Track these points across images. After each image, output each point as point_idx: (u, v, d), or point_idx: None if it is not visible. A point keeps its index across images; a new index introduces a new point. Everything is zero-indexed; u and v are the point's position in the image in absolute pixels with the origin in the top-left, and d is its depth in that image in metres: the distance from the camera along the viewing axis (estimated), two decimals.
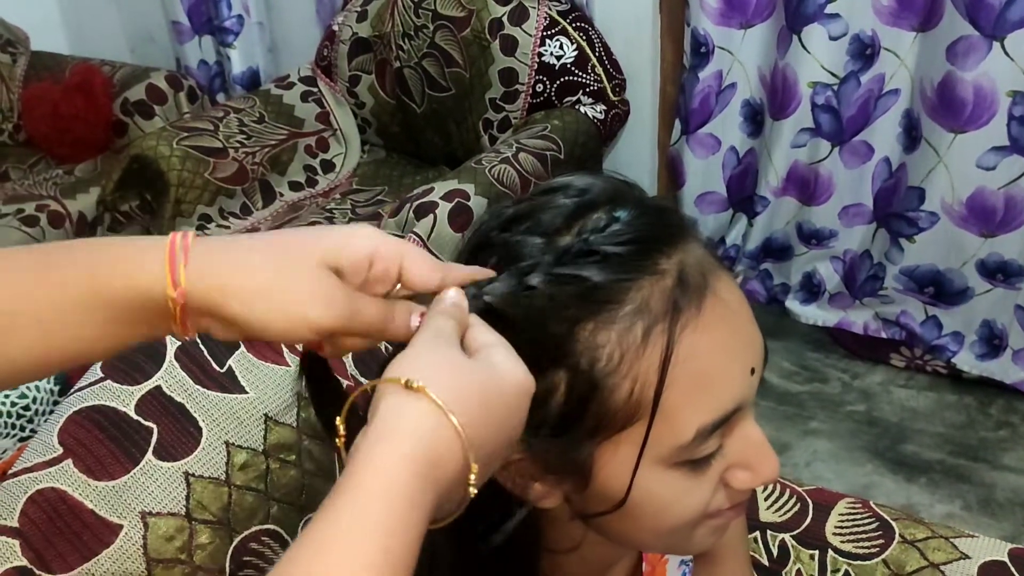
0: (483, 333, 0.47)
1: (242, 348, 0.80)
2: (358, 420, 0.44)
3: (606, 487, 0.52)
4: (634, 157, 2.24)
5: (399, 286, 0.49)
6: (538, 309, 0.48)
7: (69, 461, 0.71)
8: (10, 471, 0.72)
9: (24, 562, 0.66)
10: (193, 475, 0.74)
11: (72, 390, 0.76)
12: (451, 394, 0.41)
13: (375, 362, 0.83)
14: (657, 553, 0.72)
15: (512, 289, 0.48)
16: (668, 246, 0.50)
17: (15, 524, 0.68)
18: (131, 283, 0.45)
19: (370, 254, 0.47)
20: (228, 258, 0.46)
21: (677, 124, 2.13)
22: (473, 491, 0.42)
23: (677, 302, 0.49)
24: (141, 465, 0.72)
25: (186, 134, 2.16)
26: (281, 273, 0.45)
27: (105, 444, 0.72)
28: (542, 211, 0.52)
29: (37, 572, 0.66)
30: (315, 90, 2.44)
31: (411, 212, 1.67)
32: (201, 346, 0.80)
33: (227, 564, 0.75)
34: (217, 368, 0.79)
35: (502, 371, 0.45)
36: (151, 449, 0.73)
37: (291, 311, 0.45)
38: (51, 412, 0.76)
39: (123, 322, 0.45)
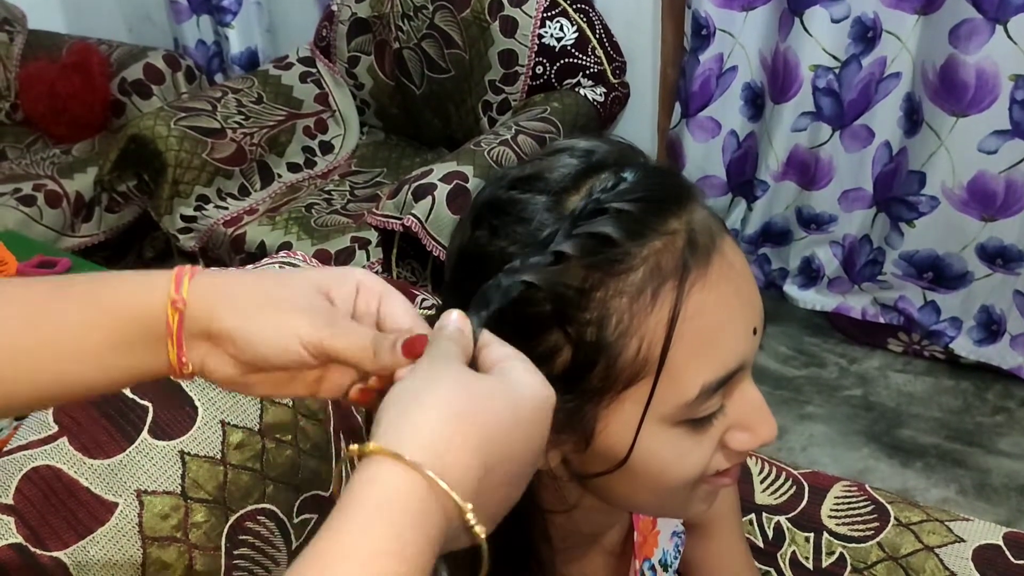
0: (498, 348, 0.46)
1: None
2: None
3: (607, 446, 0.52)
4: (634, 140, 2.17)
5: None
6: (561, 275, 0.48)
7: (64, 439, 0.70)
8: (5, 448, 0.71)
9: (19, 539, 0.66)
10: (188, 454, 0.74)
11: None
12: (461, 426, 0.39)
13: None
14: (652, 516, 0.72)
15: (542, 261, 0.48)
16: (677, 206, 0.50)
17: (10, 501, 0.68)
18: (134, 299, 0.46)
19: (356, 283, 0.49)
20: (228, 278, 0.48)
21: (677, 107, 2.12)
22: (481, 534, 0.40)
23: (687, 262, 0.49)
24: (136, 444, 0.72)
25: (184, 114, 2.15)
26: (276, 290, 0.47)
27: (100, 422, 0.72)
28: (549, 171, 0.52)
29: (32, 549, 0.66)
30: (314, 71, 2.43)
31: (409, 194, 1.66)
32: None
33: (223, 543, 0.75)
34: None
35: (521, 387, 0.43)
36: (146, 428, 0.73)
37: (282, 322, 0.45)
38: None
39: (122, 344, 0.46)
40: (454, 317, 0.46)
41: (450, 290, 0.55)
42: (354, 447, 0.39)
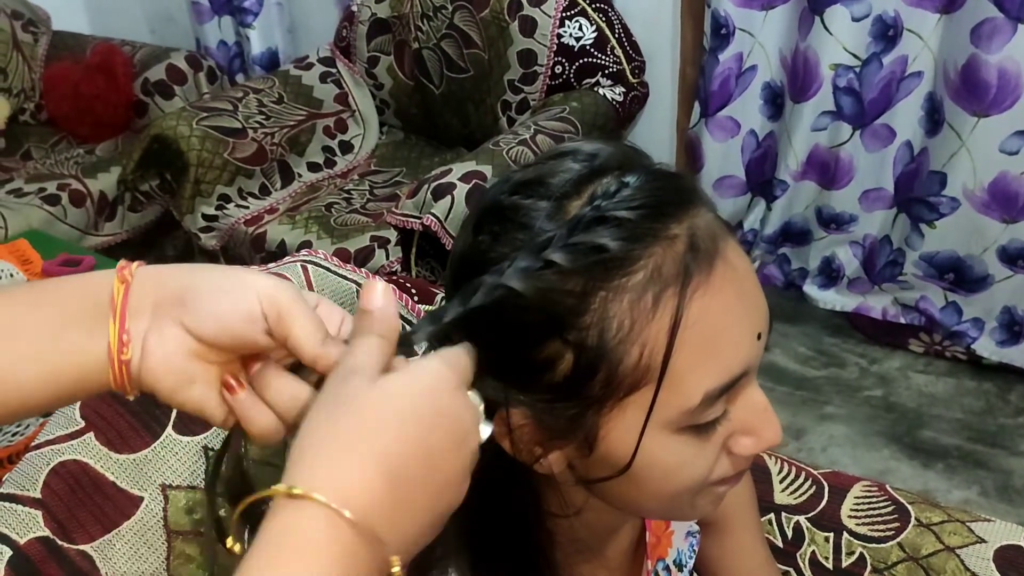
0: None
1: None
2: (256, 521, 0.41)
3: (610, 452, 0.52)
4: (653, 139, 2.23)
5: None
6: (554, 282, 0.48)
7: (91, 434, 0.72)
8: (33, 443, 0.73)
9: (47, 532, 0.68)
10: (212, 449, 0.75)
11: None
12: (353, 474, 0.39)
13: None
14: (658, 519, 0.72)
15: (532, 266, 0.48)
16: (679, 210, 0.50)
17: (38, 495, 0.69)
18: (79, 282, 0.45)
19: (316, 300, 0.49)
20: (177, 264, 0.47)
21: (696, 107, 2.11)
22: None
23: (688, 267, 0.48)
24: (161, 439, 0.73)
25: (206, 114, 2.17)
26: (227, 267, 0.47)
27: (126, 418, 0.73)
28: (552, 175, 0.52)
29: (59, 542, 0.68)
30: (334, 71, 2.44)
31: (429, 193, 1.67)
32: None
33: (245, 537, 0.76)
34: None
35: (413, 379, 0.43)
36: (171, 423, 0.74)
37: (242, 278, 0.45)
38: None
39: (62, 324, 0.43)
40: (379, 290, 0.46)
41: (450, 295, 0.55)
42: (277, 487, 0.39)
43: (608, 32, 2.04)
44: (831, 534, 0.95)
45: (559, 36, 2.04)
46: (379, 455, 0.39)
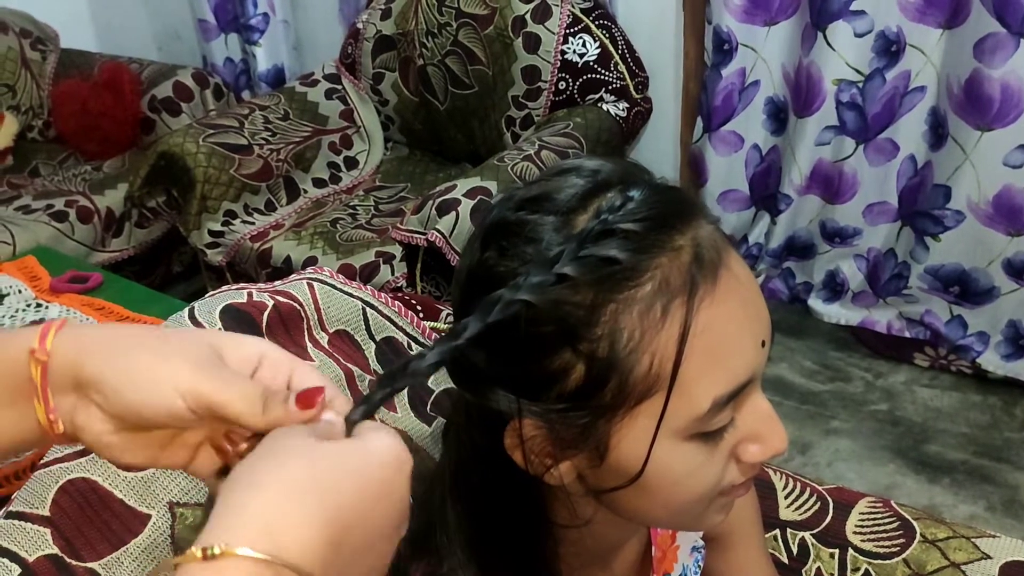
0: (368, 424, 0.44)
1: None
2: None
3: (621, 461, 0.52)
4: (656, 155, 2.24)
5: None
6: (566, 295, 0.49)
7: None
8: (41, 461, 0.73)
9: (55, 550, 0.68)
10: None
11: None
12: (293, 501, 0.36)
13: None
14: (667, 529, 0.72)
15: (545, 280, 0.49)
16: (682, 222, 0.51)
17: (46, 513, 0.69)
18: None
19: (259, 353, 0.46)
20: (102, 328, 0.45)
21: (699, 122, 2.12)
22: None
23: (695, 277, 0.49)
24: None
25: (212, 131, 2.18)
26: (157, 337, 0.43)
27: None
28: (557, 191, 0.53)
29: (68, 560, 0.68)
30: (339, 87, 2.46)
31: (433, 209, 1.68)
32: None
33: None
34: None
35: (371, 448, 0.40)
36: None
37: (159, 367, 0.41)
38: None
39: None
40: (329, 415, 0.44)
41: (459, 311, 0.56)
42: (177, 559, 0.35)
43: (611, 48, 2.05)
44: (836, 550, 0.95)
45: (563, 52, 2.05)
46: (328, 514, 0.36)
